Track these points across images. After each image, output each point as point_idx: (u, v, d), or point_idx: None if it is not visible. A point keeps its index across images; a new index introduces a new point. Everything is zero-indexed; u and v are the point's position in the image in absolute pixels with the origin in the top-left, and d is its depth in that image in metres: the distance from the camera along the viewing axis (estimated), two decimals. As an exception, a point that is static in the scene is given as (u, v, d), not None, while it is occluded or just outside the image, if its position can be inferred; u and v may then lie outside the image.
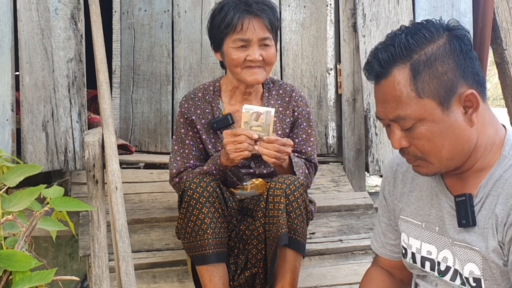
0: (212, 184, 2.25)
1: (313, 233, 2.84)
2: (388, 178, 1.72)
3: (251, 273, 2.30)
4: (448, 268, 1.54)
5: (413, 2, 3.51)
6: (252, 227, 2.31)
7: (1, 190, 1.63)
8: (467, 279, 1.49)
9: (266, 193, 2.25)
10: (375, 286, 1.77)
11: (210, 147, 2.45)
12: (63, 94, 2.99)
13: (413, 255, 1.63)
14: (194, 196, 2.22)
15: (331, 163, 3.49)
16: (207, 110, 2.47)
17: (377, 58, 1.41)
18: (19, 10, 2.89)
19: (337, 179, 3.31)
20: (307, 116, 2.52)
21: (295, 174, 2.33)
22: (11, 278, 1.50)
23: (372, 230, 2.74)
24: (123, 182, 2.34)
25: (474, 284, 1.47)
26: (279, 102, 2.51)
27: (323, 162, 3.39)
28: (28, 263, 1.48)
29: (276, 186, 2.22)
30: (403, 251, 1.66)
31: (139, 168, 3.31)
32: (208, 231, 2.21)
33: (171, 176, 2.47)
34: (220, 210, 2.26)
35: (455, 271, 1.52)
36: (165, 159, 3.07)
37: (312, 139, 2.52)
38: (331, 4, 3.51)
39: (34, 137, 2.92)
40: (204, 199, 2.22)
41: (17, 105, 2.94)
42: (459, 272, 1.51)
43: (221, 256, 2.23)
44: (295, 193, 2.22)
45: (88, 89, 3.12)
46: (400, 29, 1.44)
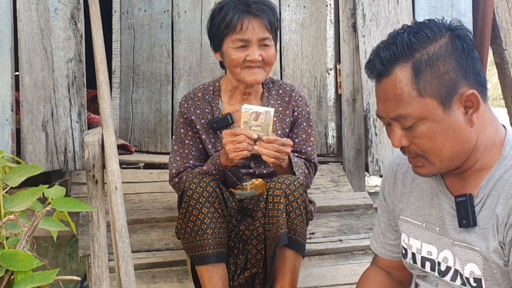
0: (211, 184, 2.25)
1: (312, 233, 2.84)
2: (388, 179, 1.72)
3: (251, 273, 2.30)
4: (448, 268, 1.54)
5: (412, 2, 3.51)
6: (252, 227, 2.31)
7: (3, 190, 1.62)
8: (467, 279, 1.49)
9: (265, 193, 2.25)
10: (372, 286, 1.78)
11: (209, 147, 2.45)
12: (63, 94, 2.99)
13: (413, 255, 1.63)
14: (194, 196, 2.22)
15: (330, 163, 3.49)
16: (206, 110, 2.47)
17: (379, 57, 1.41)
18: (18, 10, 2.90)
19: (336, 179, 3.31)
20: (307, 116, 2.52)
21: (294, 174, 2.33)
22: (13, 278, 1.49)
23: (372, 230, 2.74)
24: (122, 182, 2.34)
25: (475, 284, 1.47)
26: (279, 102, 2.51)
27: (322, 162, 3.39)
28: (30, 263, 1.48)
29: (276, 186, 2.22)
30: (403, 252, 1.66)
31: (139, 168, 3.31)
32: (208, 231, 2.21)
33: (171, 176, 2.47)
34: (219, 210, 2.26)
35: (456, 271, 1.52)
36: (165, 159, 3.07)
37: (312, 139, 2.52)
38: (330, 4, 3.51)
39: (34, 137, 2.92)
40: (204, 199, 2.22)
41: (16, 105, 2.94)
42: (460, 273, 1.51)
43: (220, 256, 2.23)
44: (295, 193, 2.22)
45: (88, 89, 3.12)
46: (402, 28, 1.43)
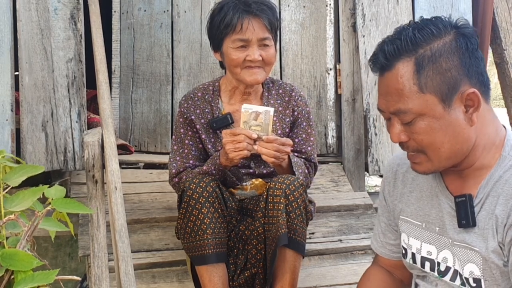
0: (211, 184, 2.25)
1: (312, 233, 2.84)
2: (388, 178, 1.72)
3: (251, 273, 2.30)
4: (448, 268, 1.54)
5: (412, 2, 3.51)
6: (252, 227, 2.31)
7: (4, 191, 1.62)
8: (467, 279, 1.49)
9: (265, 193, 2.25)
10: (373, 285, 1.78)
11: (209, 147, 2.45)
12: (63, 94, 2.99)
13: (413, 255, 1.63)
14: (194, 196, 2.22)
15: (330, 163, 3.48)
16: (206, 110, 2.47)
17: (382, 51, 1.42)
18: (18, 10, 2.90)
19: (336, 179, 3.31)
20: (306, 115, 2.52)
21: (294, 174, 2.33)
22: (13, 277, 1.50)
23: (372, 230, 2.74)
24: (122, 182, 2.34)
25: (474, 284, 1.47)
26: (279, 101, 2.51)
27: (322, 162, 3.39)
28: (30, 262, 1.48)
29: (276, 186, 2.22)
30: (403, 251, 1.66)
31: (139, 168, 3.31)
32: (208, 231, 2.21)
33: (171, 176, 2.47)
34: (219, 210, 2.26)
35: (455, 271, 1.52)
36: (164, 159, 3.07)
37: (311, 138, 2.52)
38: (330, 4, 3.51)
39: (33, 137, 2.92)
40: (204, 199, 2.22)
41: (16, 105, 2.94)
42: (459, 273, 1.51)
43: (220, 256, 2.23)
44: (294, 193, 2.22)
45: (87, 89, 3.12)
46: (408, 23, 1.44)
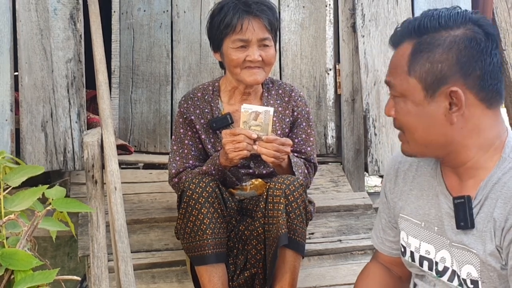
0: (211, 184, 2.25)
1: (312, 233, 2.84)
2: (389, 176, 1.72)
3: (250, 273, 2.30)
4: (446, 268, 1.54)
5: (412, 2, 3.51)
6: (252, 228, 2.31)
7: (5, 191, 1.63)
8: (464, 280, 1.48)
9: (265, 193, 2.25)
10: (372, 281, 1.78)
11: (209, 147, 2.45)
12: (62, 94, 2.99)
13: (411, 253, 1.63)
14: (193, 196, 2.22)
15: (330, 163, 3.48)
16: (206, 110, 2.47)
17: (400, 29, 1.51)
18: (18, 10, 2.90)
19: (336, 179, 3.31)
20: (306, 116, 2.52)
21: (294, 174, 2.33)
22: (13, 277, 1.50)
23: (371, 230, 2.74)
24: (122, 183, 2.34)
25: (472, 286, 1.47)
26: (279, 102, 2.51)
27: (322, 162, 3.39)
28: (30, 262, 1.48)
29: (276, 187, 2.22)
30: (402, 249, 1.66)
31: (138, 168, 3.31)
32: (207, 232, 2.21)
33: (170, 176, 2.47)
34: (219, 211, 2.26)
35: (453, 272, 1.52)
36: (164, 159, 3.07)
37: (311, 139, 2.52)
38: (330, 5, 3.51)
39: (33, 137, 2.92)
40: (203, 199, 2.22)
41: (16, 105, 2.94)
42: (457, 273, 1.51)
43: (220, 257, 2.23)
44: (294, 193, 2.22)
45: (87, 89, 3.12)
46: (430, 10, 1.50)
